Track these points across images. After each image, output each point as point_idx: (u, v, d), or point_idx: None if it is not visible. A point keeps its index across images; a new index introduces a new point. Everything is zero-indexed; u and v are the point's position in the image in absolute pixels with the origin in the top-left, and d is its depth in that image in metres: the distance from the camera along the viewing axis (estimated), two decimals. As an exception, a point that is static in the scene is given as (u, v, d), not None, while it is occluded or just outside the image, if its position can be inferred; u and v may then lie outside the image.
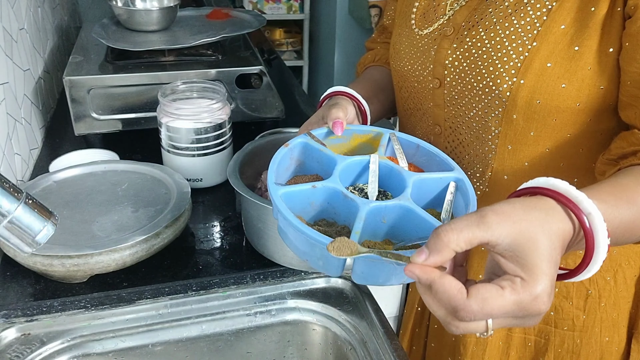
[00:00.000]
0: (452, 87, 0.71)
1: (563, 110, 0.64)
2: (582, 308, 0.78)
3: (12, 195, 0.51)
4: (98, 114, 1.07)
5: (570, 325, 0.79)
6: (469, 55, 0.68)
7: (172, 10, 1.23)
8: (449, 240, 0.44)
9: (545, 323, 0.80)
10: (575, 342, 0.80)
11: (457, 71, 0.70)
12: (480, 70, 0.67)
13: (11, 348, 0.71)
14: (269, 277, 0.81)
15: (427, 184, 0.63)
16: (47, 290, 0.75)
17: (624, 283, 0.78)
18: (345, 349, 0.76)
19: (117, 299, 0.76)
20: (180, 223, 0.80)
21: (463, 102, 0.71)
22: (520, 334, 0.82)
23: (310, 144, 0.68)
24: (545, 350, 0.81)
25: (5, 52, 0.97)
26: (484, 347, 0.82)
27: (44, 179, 0.88)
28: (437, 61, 0.72)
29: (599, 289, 0.77)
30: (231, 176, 0.80)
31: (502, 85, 0.65)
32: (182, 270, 0.80)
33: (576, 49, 0.62)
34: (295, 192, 0.61)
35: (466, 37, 0.69)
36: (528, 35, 0.63)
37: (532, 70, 0.63)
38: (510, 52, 0.64)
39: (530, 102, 0.64)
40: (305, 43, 3.21)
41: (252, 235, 0.83)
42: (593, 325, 0.79)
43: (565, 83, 0.63)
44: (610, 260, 0.76)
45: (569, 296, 0.78)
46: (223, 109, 0.97)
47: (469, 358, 0.84)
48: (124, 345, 0.75)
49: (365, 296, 0.80)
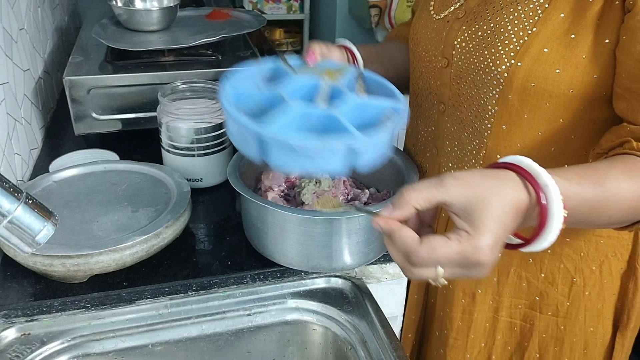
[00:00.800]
0: (458, 66, 0.75)
1: (556, 95, 0.67)
2: (567, 295, 0.80)
3: (12, 195, 0.51)
4: (98, 114, 1.07)
5: (554, 311, 0.81)
6: (475, 37, 0.72)
7: (172, 10, 1.23)
8: (410, 198, 0.51)
9: (531, 308, 0.82)
10: (559, 329, 0.82)
11: (463, 52, 0.74)
12: (483, 52, 0.71)
13: (11, 348, 0.71)
14: (269, 277, 0.81)
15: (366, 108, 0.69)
16: (47, 290, 0.75)
17: (610, 274, 0.79)
18: (345, 349, 0.76)
19: (117, 299, 0.76)
20: (180, 223, 0.80)
21: (466, 81, 0.75)
22: (506, 317, 0.84)
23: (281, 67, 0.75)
24: (530, 335, 0.83)
25: (5, 52, 0.97)
26: (468, 324, 0.85)
27: (44, 179, 0.88)
28: (447, 41, 0.76)
29: (584, 278, 0.79)
30: (231, 176, 0.80)
31: (501, 66, 0.69)
32: (182, 270, 0.80)
33: (572, 37, 0.64)
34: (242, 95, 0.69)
35: (475, 19, 0.73)
36: (529, 21, 0.66)
37: (530, 54, 0.66)
38: (511, 35, 0.68)
39: (525, 84, 0.67)
40: (305, 43, 3.20)
41: (252, 235, 0.83)
42: (577, 313, 0.81)
43: (559, 69, 0.65)
44: (596, 251, 0.77)
45: (554, 282, 0.79)
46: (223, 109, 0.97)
47: (455, 333, 0.86)
48: (124, 345, 0.75)
49: (365, 296, 0.80)
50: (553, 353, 0.84)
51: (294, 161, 0.62)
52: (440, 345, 0.90)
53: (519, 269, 0.81)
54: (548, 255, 0.78)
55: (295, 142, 0.60)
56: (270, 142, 0.61)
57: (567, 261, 0.78)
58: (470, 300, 0.84)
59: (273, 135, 0.60)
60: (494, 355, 0.87)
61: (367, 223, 0.77)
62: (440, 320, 0.89)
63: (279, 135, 0.60)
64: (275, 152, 0.63)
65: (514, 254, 0.80)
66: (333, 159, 0.63)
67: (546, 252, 0.78)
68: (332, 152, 0.62)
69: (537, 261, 0.79)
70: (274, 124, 0.63)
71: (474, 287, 0.83)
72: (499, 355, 0.87)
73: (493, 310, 0.84)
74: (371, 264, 0.84)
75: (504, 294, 0.83)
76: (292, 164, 0.63)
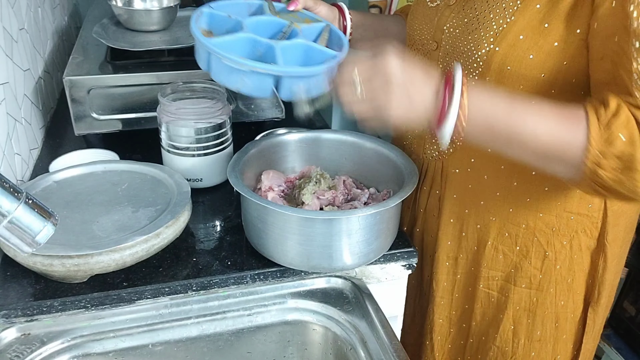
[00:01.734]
0: (445, 50, 0.82)
1: (529, 78, 0.73)
2: (539, 268, 0.85)
3: (12, 195, 0.51)
4: (98, 114, 1.07)
5: (527, 283, 0.87)
6: (462, 23, 0.79)
7: (172, 10, 1.23)
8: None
9: (506, 281, 0.88)
10: (532, 300, 0.87)
11: (451, 36, 0.80)
12: (467, 36, 0.77)
13: (11, 348, 0.71)
14: (269, 277, 0.81)
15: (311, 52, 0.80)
16: (47, 290, 0.75)
17: (579, 250, 0.84)
18: (345, 349, 0.76)
19: (117, 299, 0.76)
20: (180, 223, 0.80)
21: (452, 64, 0.81)
22: (484, 288, 0.90)
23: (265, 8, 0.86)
24: (505, 307, 0.89)
25: (5, 52, 0.97)
26: (452, 284, 0.93)
27: (44, 179, 0.88)
28: (437, 27, 0.83)
29: (555, 252, 0.84)
30: (231, 176, 0.80)
31: (481, 50, 0.75)
32: (182, 270, 0.80)
33: (546, 26, 0.70)
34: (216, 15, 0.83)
35: (463, 7, 0.79)
36: (509, 10, 0.73)
37: (507, 40, 0.72)
38: (492, 22, 0.74)
39: (502, 67, 0.74)
40: (305, 43, 3.20)
41: (252, 235, 0.83)
42: (548, 286, 0.86)
43: (533, 54, 0.71)
44: (567, 227, 0.83)
45: (528, 256, 0.85)
46: (223, 109, 0.97)
47: (440, 292, 0.94)
48: (124, 345, 0.75)
49: (365, 296, 0.80)
50: (526, 325, 0.89)
51: (228, 76, 0.75)
52: (429, 303, 0.96)
53: (496, 242, 0.86)
54: (522, 229, 0.83)
55: (227, 57, 0.72)
56: (212, 55, 0.74)
57: (540, 235, 0.83)
58: (453, 262, 0.92)
59: (213, 47, 0.73)
60: (474, 322, 0.93)
61: (367, 223, 0.77)
62: (428, 281, 0.96)
63: (218, 49, 0.73)
64: (214, 65, 0.75)
65: (491, 228, 0.85)
66: (259, 81, 0.74)
67: (521, 226, 0.83)
68: (257, 74, 0.73)
69: (513, 235, 0.84)
70: (220, 40, 0.75)
71: (456, 252, 0.91)
72: (478, 323, 0.93)
73: (473, 277, 0.91)
74: (371, 264, 0.84)
75: (482, 264, 0.88)
76: (226, 78, 0.75)
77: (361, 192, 0.90)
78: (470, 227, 0.87)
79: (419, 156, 0.91)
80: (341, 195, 0.89)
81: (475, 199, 0.85)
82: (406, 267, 0.87)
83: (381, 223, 0.80)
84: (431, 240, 0.93)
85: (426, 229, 0.94)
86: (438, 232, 0.91)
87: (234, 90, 0.77)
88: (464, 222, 0.88)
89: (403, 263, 0.86)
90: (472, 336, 0.95)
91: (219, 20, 0.84)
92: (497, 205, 0.84)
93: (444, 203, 0.89)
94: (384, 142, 0.93)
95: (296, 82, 0.75)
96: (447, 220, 0.89)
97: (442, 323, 0.96)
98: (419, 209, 0.94)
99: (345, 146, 0.95)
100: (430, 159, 0.89)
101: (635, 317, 1.59)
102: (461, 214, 0.88)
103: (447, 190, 0.88)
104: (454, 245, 0.90)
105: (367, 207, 0.78)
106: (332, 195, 0.88)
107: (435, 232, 0.91)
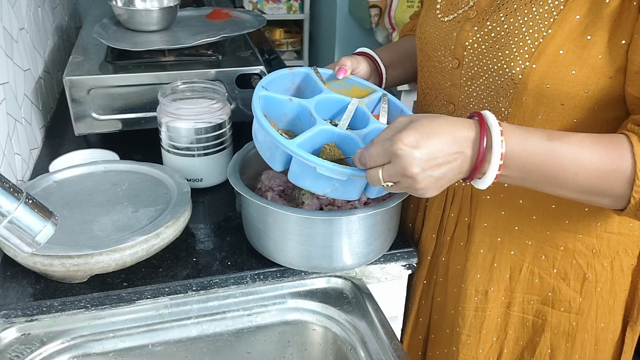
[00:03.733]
0: (469, 67, 0.75)
1: (572, 96, 0.67)
2: (579, 291, 0.80)
3: (12, 195, 0.51)
4: (98, 114, 1.07)
5: (567, 306, 0.81)
6: (487, 38, 0.72)
7: (172, 10, 1.23)
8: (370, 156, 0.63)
9: (543, 304, 0.83)
10: (571, 325, 0.82)
11: (475, 52, 0.73)
12: (496, 53, 0.70)
13: (11, 348, 0.71)
14: (269, 277, 0.81)
15: None
16: (47, 290, 0.75)
17: (621, 271, 0.80)
18: (345, 349, 0.76)
19: (117, 299, 0.76)
20: (180, 223, 0.80)
21: (478, 82, 0.75)
22: (518, 312, 0.84)
23: (312, 76, 0.80)
24: (542, 330, 0.84)
25: (5, 52, 0.97)
26: (481, 321, 0.85)
27: (44, 179, 0.88)
28: (458, 42, 0.75)
29: (596, 274, 0.79)
30: (231, 176, 0.80)
31: (515, 68, 0.68)
32: (182, 270, 0.80)
33: (588, 38, 0.64)
34: (273, 99, 0.75)
35: (487, 20, 0.72)
36: (545, 23, 0.66)
37: (545, 56, 0.66)
38: (526, 37, 0.67)
39: (540, 86, 0.67)
40: (305, 43, 3.20)
41: (252, 235, 0.83)
42: (589, 309, 0.81)
43: (575, 70, 0.65)
44: (608, 247, 0.78)
45: (566, 278, 0.80)
46: (223, 109, 0.97)
47: (467, 330, 0.86)
48: (124, 345, 0.75)
49: (365, 296, 0.80)
50: (565, 349, 0.84)
51: (314, 182, 0.67)
52: (452, 342, 0.89)
53: (532, 265, 0.81)
54: (561, 251, 0.79)
55: (324, 166, 0.64)
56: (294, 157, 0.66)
57: (579, 257, 0.79)
58: (482, 297, 0.84)
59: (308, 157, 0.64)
60: (506, 349, 0.87)
61: (367, 223, 0.77)
62: (451, 318, 0.89)
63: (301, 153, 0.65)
64: (297, 168, 0.67)
65: (526, 252, 0.80)
66: (352, 185, 0.68)
67: (559, 248, 0.79)
68: (352, 180, 0.66)
69: (550, 257, 0.80)
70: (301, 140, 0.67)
71: (486, 285, 0.84)
72: (511, 349, 0.87)
73: (505, 305, 0.85)
74: (371, 264, 0.84)
75: (516, 289, 0.83)
76: (312, 184, 0.67)
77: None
78: (503, 256, 0.82)
79: None
80: (341, 195, 0.89)
81: (509, 225, 0.80)
82: (406, 267, 0.87)
83: (381, 223, 0.80)
84: (458, 271, 0.86)
85: (452, 259, 0.87)
86: (466, 263, 0.84)
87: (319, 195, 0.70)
88: (497, 252, 0.82)
89: (403, 263, 0.86)
90: None
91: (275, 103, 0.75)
92: (533, 229, 0.79)
93: (474, 232, 0.82)
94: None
95: None
96: (477, 250, 0.83)
97: None
98: (445, 236, 0.87)
99: (345, 146, 0.95)
100: (457, 184, 0.83)
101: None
102: (493, 244, 0.81)
103: (477, 219, 0.81)
104: (484, 278, 0.83)
105: (367, 207, 0.78)
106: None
107: (463, 263, 0.84)
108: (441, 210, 0.86)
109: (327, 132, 0.71)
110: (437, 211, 0.87)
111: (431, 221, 0.88)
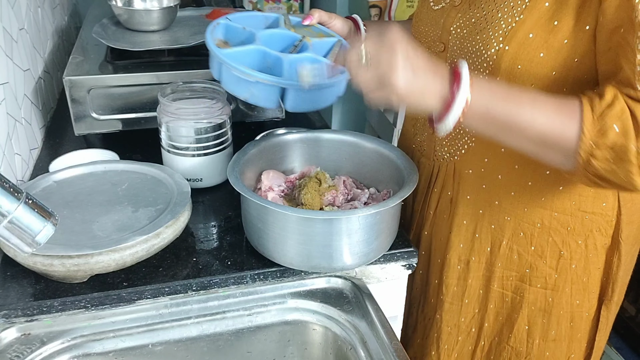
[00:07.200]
0: (453, 51, 0.82)
1: (540, 77, 0.73)
2: (555, 267, 0.85)
3: (12, 195, 0.51)
4: (98, 114, 1.07)
5: (543, 283, 0.86)
6: (469, 23, 0.78)
7: (172, 10, 1.23)
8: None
9: (521, 281, 0.87)
10: (547, 301, 0.87)
11: (458, 37, 0.80)
12: (475, 37, 0.77)
13: (11, 348, 0.71)
14: (269, 277, 0.81)
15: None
16: (47, 290, 0.75)
17: (595, 249, 0.84)
18: (345, 349, 0.76)
19: (117, 299, 0.76)
20: (180, 223, 0.81)
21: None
22: (498, 288, 0.89)
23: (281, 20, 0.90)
24: (520, 307, 0.88)
25: (5, 52, 0.97)
26: (463, 290, 0.91)
27: (44, 179, 0.88)
28: (444, 28, 0.83)
29: (571, 251, 0.84)
30: (231, 176, 0.80)
31: (490, 50, 0.75)
32: (182, 270, 0.80)
33: (555, 24, 0.70)
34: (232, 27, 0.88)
35: (469, 7, 0.79)
36: (517, 9, 0.73)
37: (516, 38, 0.72)
38: (501, 22, 0.74)
39: (512, 66, 0.74)
40: (305, 43, 3.20)
41: (252, 235, 0.83)
42: (564, 285, 0.85)
43: (543, 52, 0.71)
44: (582, 226, 0.82)
45: (543, 255, 0.85)
46: (223, 109, 0.97)
47: (450, 297, 0.92)
48: (124, 345, 0.75)
49: (365, 296, 0.80)
50: (541, 325, 0.88)
51: (236, 86, 0.79)
52: (437, 310, 0.95)
53: (511, 242, 0.85)
54: (538, 228, 0.83)
55: (235, 67, 0.76)
56: (223, 65, 0.78)
57: (554, 234, 0.83)
58: (464, 266, 0.90)
59: (223, 57, 0.77)
60: (487, 323, 0.92)
61: (367, 223, 0.77)
62: (435, 287, 0.94)
63: (228, 59, 0.77)
64: (225, 74, 0.79)
65: (505, 228, 0.84)
66: (266, 92, 0.78)
67: (536, 225, 0.83)
68: (263, 84, 0.77)
69: (528, 235, 0.84)
70: (231, 51, 0.79)
71: (468, 255, 0.89)
72: (491, 323, 0.92)
73: (486, 279, 0.89)
74: (371, 264, 0.84)
75: (496, 264, 0.87)
76: (235, 88, 0.79)
77: (361, 192, 0.90)
78: (484, 228, 0.86)
79: (429, 158, 0.91)
80: (341, 195, 0.90)
81: (490, 198, 0.84)
82: (406, 267, 0.87)
83: (381, 223, 0.80)
84: (441, 243, 0.92)
85: (435, 232, 0.93)
86: (450, 234, 0.89)
87: (242, 99, 0.80)
88: (478, 223, 0.87)
89: (403, 263, 0.86)
90: (483, 338, 0.93)
91: (235, 32, 0.88)
92: (512, 205, 0.83)
93: (457, 205, 0.88)
94: (384, 142, 0.93)
95: (301, 94, 0.78)
96: (460, 222, 0.88)
97: (450, 331, 0.94)
98: (429, 211, 0.92)
99: (345, 146, 0.95)
100: (442, 161, 0.88)
101: (635, 317, 1.59)
102: (475, 215, 0.87)
103: (460, 192, 0.87)
104: (467, 247, 0.89)
105: (367, 207, 0.78)
106: (332, 195, 0.88)
107: (447, 235, 0.90)
108: (426, 187, 0.92)
109: (260, 52, 0.81)
110: (423, 188, 0.92)
111: (418, 196, 0.94)
